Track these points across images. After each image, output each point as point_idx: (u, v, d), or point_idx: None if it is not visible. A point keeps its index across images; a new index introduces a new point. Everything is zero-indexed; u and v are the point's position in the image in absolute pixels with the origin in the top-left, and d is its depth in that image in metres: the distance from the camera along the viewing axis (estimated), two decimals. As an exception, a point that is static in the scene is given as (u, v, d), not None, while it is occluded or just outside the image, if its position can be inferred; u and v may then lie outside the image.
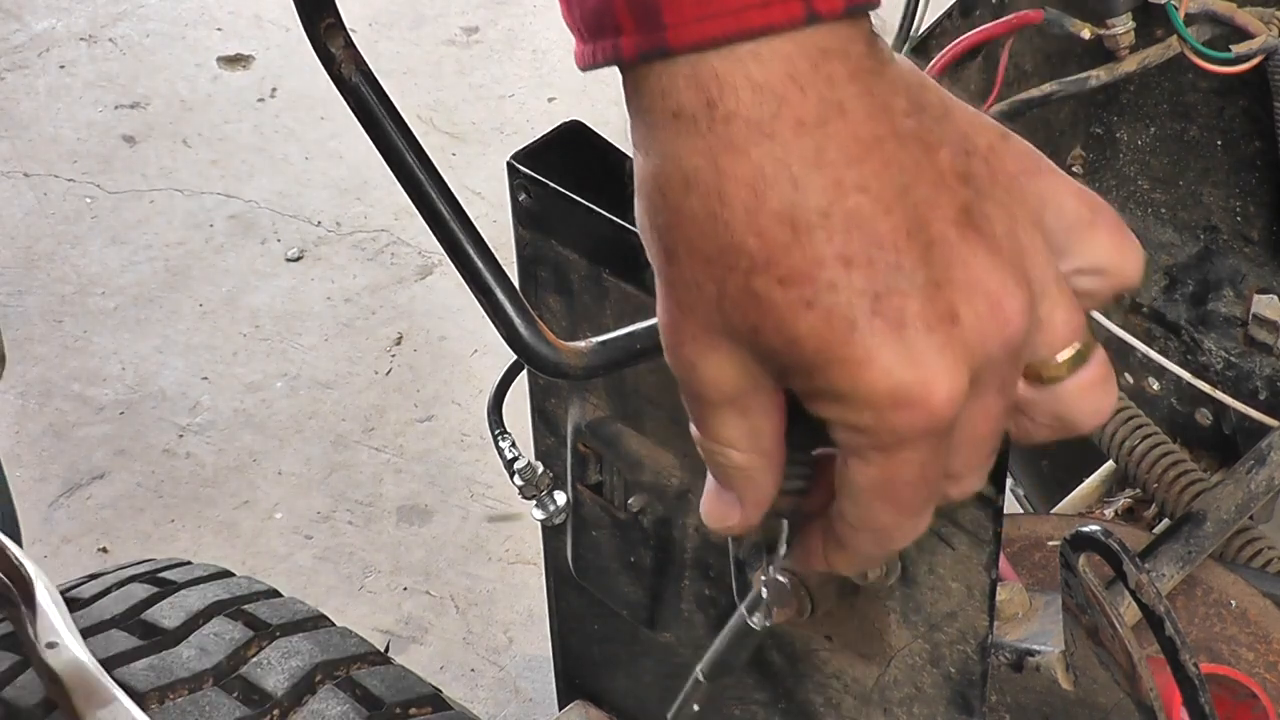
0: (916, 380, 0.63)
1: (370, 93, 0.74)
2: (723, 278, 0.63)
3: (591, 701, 1.22)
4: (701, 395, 0.67)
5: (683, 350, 0.66)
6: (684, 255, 0.64)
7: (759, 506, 0.71)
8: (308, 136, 3.44)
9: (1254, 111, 1.37)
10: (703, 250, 0.63)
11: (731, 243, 0.62)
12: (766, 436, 0.68)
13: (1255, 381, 1.48)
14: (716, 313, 0.65)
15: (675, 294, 0.66)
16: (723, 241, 0.62)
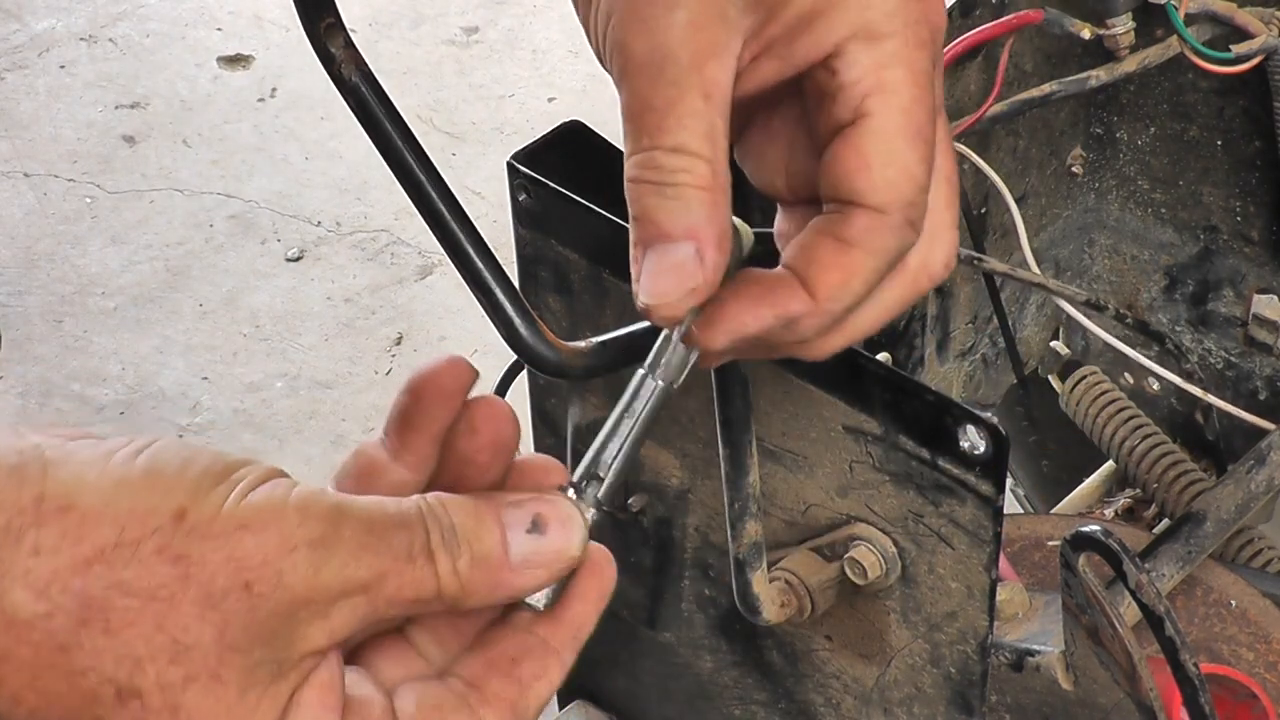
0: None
1: (370, 93, 0.74)
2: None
3: (591, 701, 1.22)
4: (671, 58, 0.65)
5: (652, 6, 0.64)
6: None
7: (723, 249, 0.67)
8: (308, 136, 3.44)
9: (1254, 111, 1.37)
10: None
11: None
12: (721, 141, 0.66)
13: (1255, 381, 1.48)
14: None
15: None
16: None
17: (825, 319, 0.69)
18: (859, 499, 0.87)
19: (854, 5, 0.66)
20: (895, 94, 0.67)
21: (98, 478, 0.58)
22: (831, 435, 0.86)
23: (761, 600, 0.90)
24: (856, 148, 0.67)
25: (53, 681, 0.57)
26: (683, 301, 0.67)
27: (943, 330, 1.45)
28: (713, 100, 0.66)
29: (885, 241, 0.68)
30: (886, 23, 0.66)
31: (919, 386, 0.81)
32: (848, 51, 0.66)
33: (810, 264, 0.68)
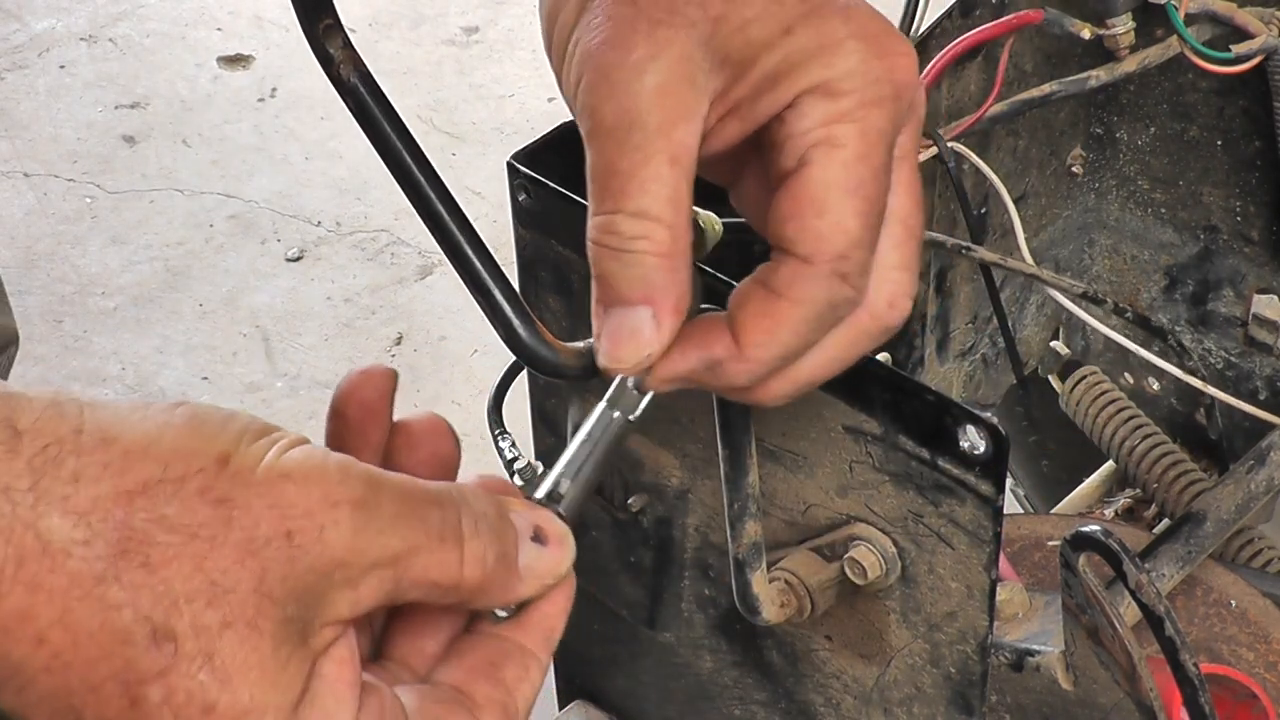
0: (894, 35, 0.68)
1: (369, 93, 0.74)
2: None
3: (591, 701, 1.22)
4: (638, 123, 0.65)
5: (631, 55, 0.65)
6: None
7: (679, 314, 0.68)
8: (308, 136, 3.44)
9: (1254, 111, 1.37)
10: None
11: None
12: (684, 206, 0.67)
13: (1255, 381, 1.48)
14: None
15: (618, 9, 0.65)
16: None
17: (755, 366, 0.69)
18: (859, 499, 0.87)
19: (816, 65, 0.67)
20: (839, 148, 0.67)
21: (139, 420, 0.58)
22: (831, 435, 0.86)
23: (761, 600, 0.90)
24: (793, 196, 0.68)
25: (85, 616, 0.55)
26: (638, 365, 0.69)
27: (943, 330, 1.45)
28: (679, 164, 0.66)
29: (811, 292, 0.68)
30: (846, 81, 0.67)
31: (919, 386, 0.81)
32: (801, 104, 0.67)
33: (739, 310, 0.69)
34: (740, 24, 0.67)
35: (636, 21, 0.66)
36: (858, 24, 0.68)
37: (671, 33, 0.66)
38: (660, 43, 0.66)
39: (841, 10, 0.68)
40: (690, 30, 0.66)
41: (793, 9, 0.67)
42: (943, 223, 1.37)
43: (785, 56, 0.67)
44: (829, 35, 0.67)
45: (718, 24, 0.67)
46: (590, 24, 0.68)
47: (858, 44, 0.67)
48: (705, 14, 0.67)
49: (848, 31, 0.67)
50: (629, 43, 0.66)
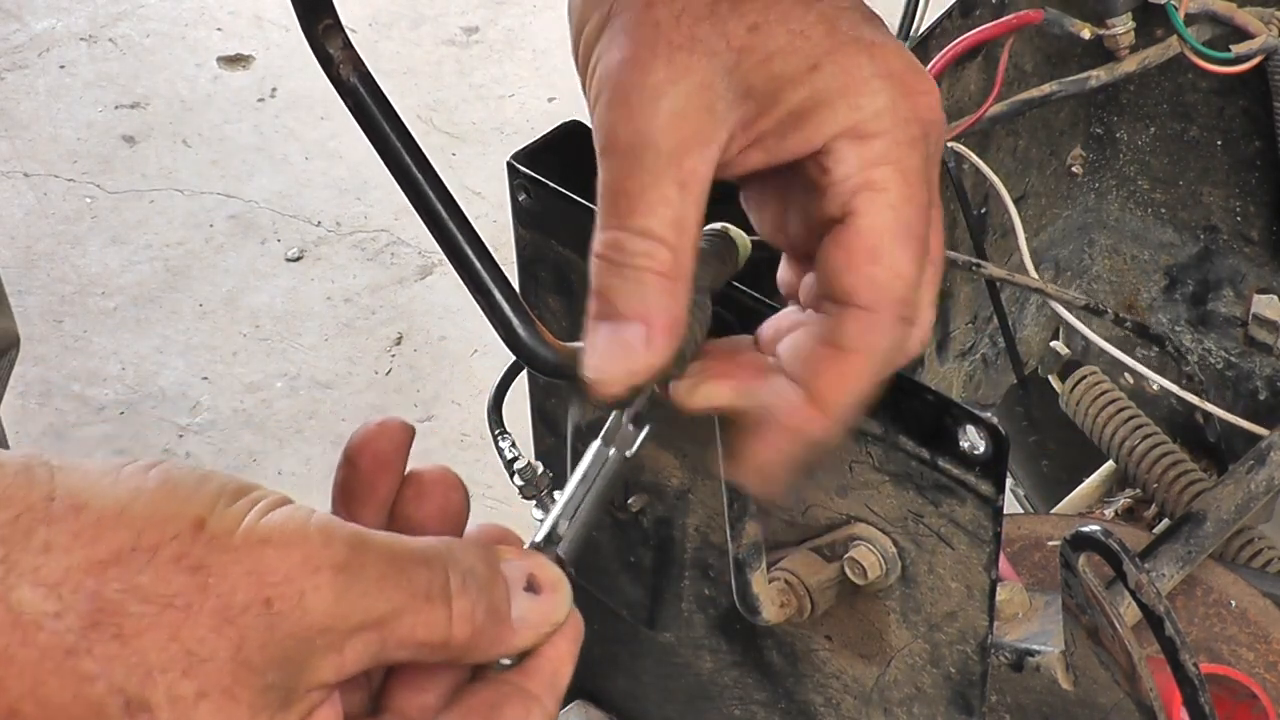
0: (919, 72, 0.68)
1: (368, 94, 0.74)
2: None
3: (591, 701, 1.22)
4: (651, 145, 0.65)
5: (650, 78, 0.65)
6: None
7: (674, 336, 0.68)
8: (308, 136, 3.44)
9: (1254, 111, 1.37)
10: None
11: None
12: (690, 230, 0.67)
13: (1255, 381, 1.48)
14: (709, 17, 0.65)
15: (654, 12, 0.65)
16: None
17: (841, 422, 0.70)
18: (859, 499, 0.87)
19: (843, 105, 0.67)
20: (883, 192, 0.67)
21: (111, 485, 0.57)
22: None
23: (761, 600, 0.90)
24: (846, 246, 0.68)
25: (57, 689, 0.55)
26: (624, 381, 0.68)
27: (943, 330, 1.45)
28: (688, 190, 0.66)
29: (879, 341, 0.68)
30: (875, 122, 0.67)
31: (919, 386, 0.81)
32: (836, 149, 0.67)
33: (815, 377, 0.69)
34: (765, 57, 0.67)
35: (657, 45, 0.66)
36: (883, 62, 0.68)
37: (692, 59, 0.66)
38: (679, 68, 0.66)
39: (868, 47, 0.68)
40: (711, 59, 0.66)
41: (819, 44, 0.67)
42: (943, 223, 1.37)
43: (811, 94, 0.67)
44: (855, 73, 0.67)
45: (741, 55, 0.67)
46: (612, 41, 0.68)
47: (884, 83, 0.67)
48: (728, 44, 0.67)
49: (873, 70, 0.67)
50: (648, 65, 0.66)
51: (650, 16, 0.67)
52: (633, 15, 0.67)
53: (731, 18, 0.67)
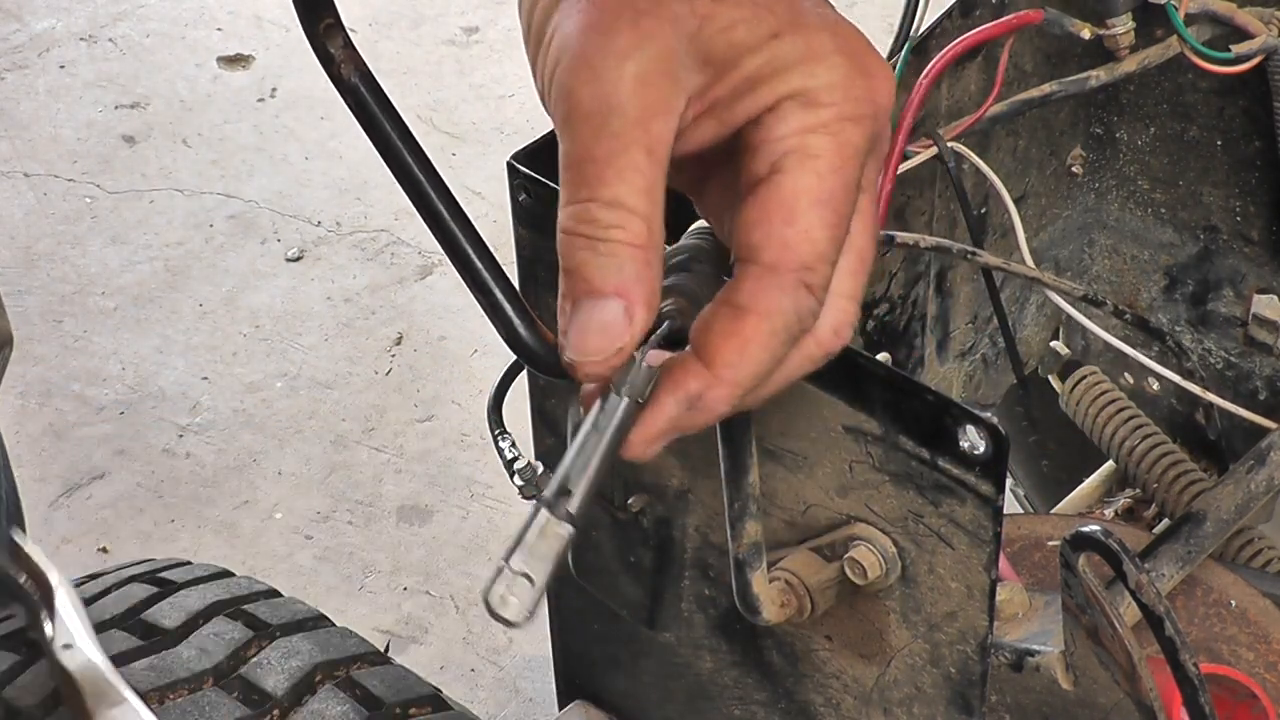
0: (877, 57, 0.67)
1: (369, 93, 0.74)
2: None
3: (591, 701, 1.22)
4: (618, 110, 0.65)
5: (615, 41, 0.65)
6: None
7: (652, 308, 0.67)
8: (308, 136, 3.44)
9: (1254, 111, 1.37)
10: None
11: None
12: (659, 199, 0.66)
13: (1255, 381, 1.48)
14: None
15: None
16: None
17: (733, 388, 0.68)
18: (859, 499, 0.87)
19: (799, 73, 0.66)
20: (814, 158, 0.66)
21: None
22: (831, 435, 0.86)
23: (761, 600, 0.90)
24: (762, 202, 0.67)
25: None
26: (608, 360, 0.67)
27: (943, 330, 1.45)
28: (655, 157, 0.65)
29: (778, 302, 0.67)
30: (826, 93, 0.67)
31: (919, 386, 0.81)
32: (780, 109, 0.67)
33: (706, 333, 0.68)
34: (727, 24, 0.67)
35: (621, 9, 0.66)
36: (843, 39, 0.68)
37: (656, 24, 0.65)
38: (644, 33, 0.65)
39: (830, 25, 0.68)
40: (675, 25, 0.66)
41: (781, 16, 0.67)
42: (943, 223, 1.37)
43: (769, 60, 0.67)
44: (815, 46, 0.67)
45: (704, 22, 0.66)
46: (572, 8, 0.67)
47: (842, 59, 0.67)
48: (692, 10, 0.66)
49: (834, 45, 0.67)
50: (613, 29, 0.65)
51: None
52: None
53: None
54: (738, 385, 0.68)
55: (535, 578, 0.67)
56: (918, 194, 1.33)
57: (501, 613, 0.67)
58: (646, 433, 0.69)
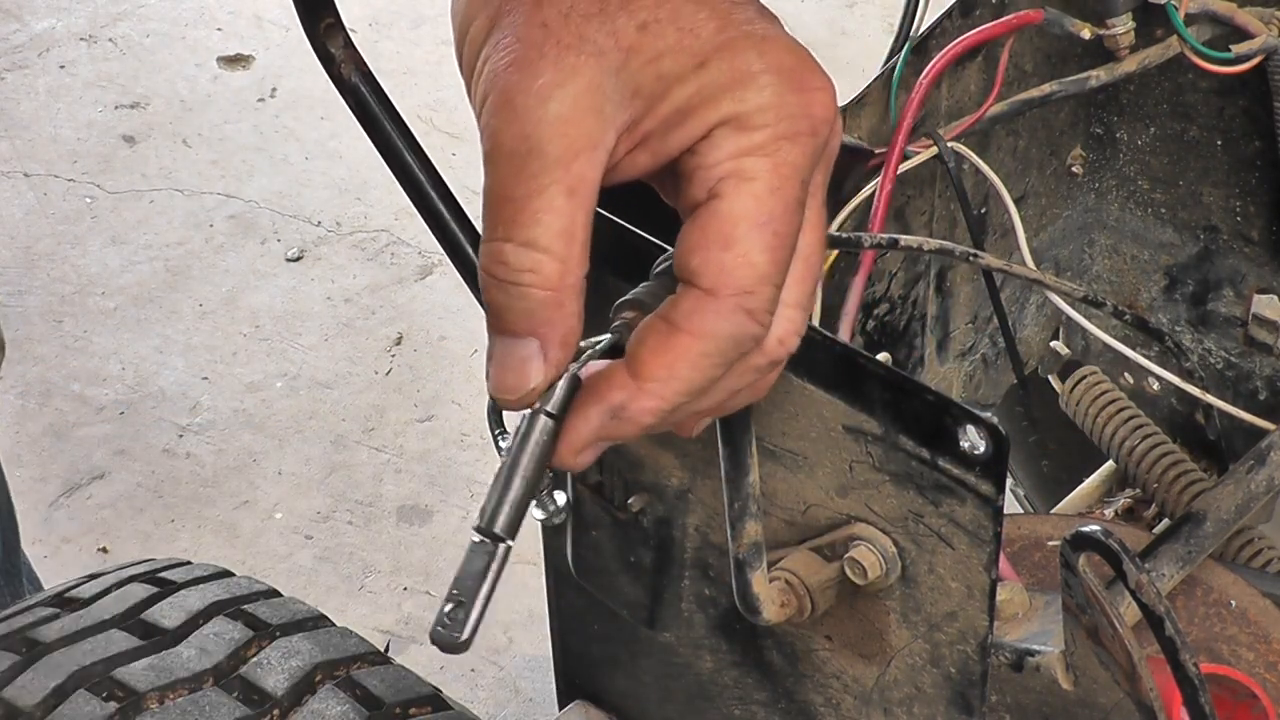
0: (812, 69, 0.66)
1: (370, 93, 0.74)
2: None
3: (591, 701, 1.22)
4: (537, 151, 0.64)
5: (536, 81, 0.64)
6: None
7: (568, 347, 0.67)
8: (308, 136, 3.44)
9: (1254, 111, 1.36)
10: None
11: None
12: (579, 238, 0.66)
13: (1255, 381, 1.48)
14: (598, 16, 0.64)
15: (542, 12, 0.64)
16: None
17: (658, 403, 0.68)
18: (859, 499, 0.87)
19: (728, 99, 0.66)
20: (750, 181, 0.66)
21: None
22: (831, 435, 0.86)
23: (761, 600, 0.90)
24: (701, 227, 0.66)
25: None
26: (525, 398, 0.68)
27: (943, 330, 1.45)
28: (577, 196, 0.65)
29: (712, 325, 0.67)
30: (759, 116, 0.66)
31: (919, 386, 0.81)
32: (714, 136, 0.66)
33: (639, 346, 0.68)
34: (653, 56, 0.66)
35: (545, 45, 0.65)
36: (773, 57, 0.67)
37: (580, 60, 0.65)
38: (567, 70, 0.65)
39: (758, 42, 0.67)
40: (600, 59, 0.65)
41: (707, 40, 0.66)
42: (943, 223, 1.37)
43: (698, 90, 0.66)
44: (743, 68, 0.66)
45: (630, 54, 0.66)
46: (499, 43, 0.66)
47: (773, 78, 0.66)
48: (617, 43, 0.65)
49: (763, 65, 0.66)
50: (535, 68, 0.65)
51: (538, 17, 0.65)
52: (520, 16, 0.66)
53: (620, 15, 0.65)
54: (663, 400, 0.68)
55: (466, 599, 0.69)
56: (918, 194, 1.33)
57: (438, 638, 0.68)
58: (571, 442, 0.70)
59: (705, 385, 0.69)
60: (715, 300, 0.66)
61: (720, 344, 0.67)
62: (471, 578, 0.69)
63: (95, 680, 1.10)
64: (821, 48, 3.59)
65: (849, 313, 1.20)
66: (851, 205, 1.19)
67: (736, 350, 0.68)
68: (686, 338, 0.67)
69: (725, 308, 0.66)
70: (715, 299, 0.66)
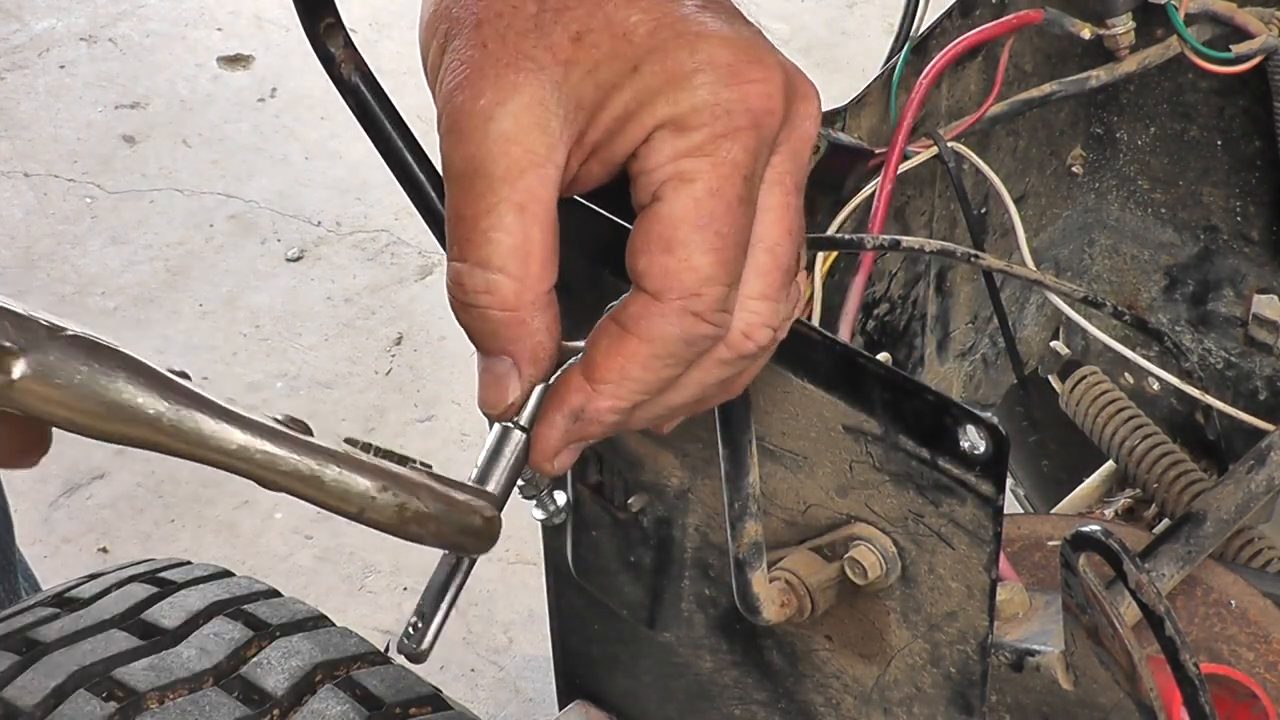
0: (752, 60, 0.65)
1: (370, 93, 0.74)
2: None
3: (591, 701, 1.22)
4: (482, 170, 0.64)
5: (479, 102, 0.64)
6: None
7: (538, 363, 0.68)
8: (308, 136, 3.44)
9: (1254, 111, 1.37)
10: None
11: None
12: (536, 254, 0.66)
13: (1255, 381, 1.48)
14: (533, 31, 0.64)
15: (481, 32, 0.65)
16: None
17: (615, 402, 0.69)
18: (859, 499, 0.87)
19: (662, 102, 0.66)
20: (690, 183, 0.66)
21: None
22: (831, 435, 0.86)
23: (761, 600, 0.90)
24: (644, 230, 0.67)
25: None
26: (506, 412, 0.69)
27: (943, 330, 1.45)
28: (528, 212, 0.65)
29: (660, 329, 0.67)
30: (694, 116, 0.66)
31: (919, 386, 0.81)
32: (653, 139, 0.66)
33: (592, 348, 0.69)
34: (590, 67, 0.66)
35: (485, 66, 0.65)
36: (707, 53, 0.66)
37: (519, 77, 0.65)
38: (507, 88, 0.65)
39: (691, 40, 0.66)
40: (539, 74, 0.65)
41: (641, 45, 0.66)
42: (943, 222, 1.37)
43: (634, 95, 0.66)
44: (676, 69, 0.66)
45: (568, 67, 0.66)
46: (447, 67, 0.67)
47: (707, 75, 0.66)
48: (554, 57, 0.65)
49: (695, 63, 0.66)
50: (477, 89, 0.65)
51: (479, 38, 0.66)
52: (464, 38, 0.66)
53: (555, 29, 0.66)
54: (619, 399, 0.69)
55: (428, 611, 0.72)
56: (918, 194, 1.33)
57: (402, 649, 0.70)
58: (543, 450, 0.71)
59: (661, 385, 0.69)
60: (660, 304, 0.67)
61: (670, 346, 0.68)
62: (435, 590, 0.72)
63: (95, 680, 1.10)
64: (821, 48, 3.59)
65: (849, 313, 1.20)
66: (851, 205, 1.19)
67: (690, 350, 0.69)
68: (634, 341, 0.68)
69: (671, 310, 0.67)
70: (660, 303, 0.67)
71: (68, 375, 0.60)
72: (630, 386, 0.69)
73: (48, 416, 0.60)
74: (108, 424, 0.61)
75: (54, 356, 0.60)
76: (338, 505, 0.65)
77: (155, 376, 0.61)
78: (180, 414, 0.61)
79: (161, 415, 0.61)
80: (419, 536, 0.68)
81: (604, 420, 0.70)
